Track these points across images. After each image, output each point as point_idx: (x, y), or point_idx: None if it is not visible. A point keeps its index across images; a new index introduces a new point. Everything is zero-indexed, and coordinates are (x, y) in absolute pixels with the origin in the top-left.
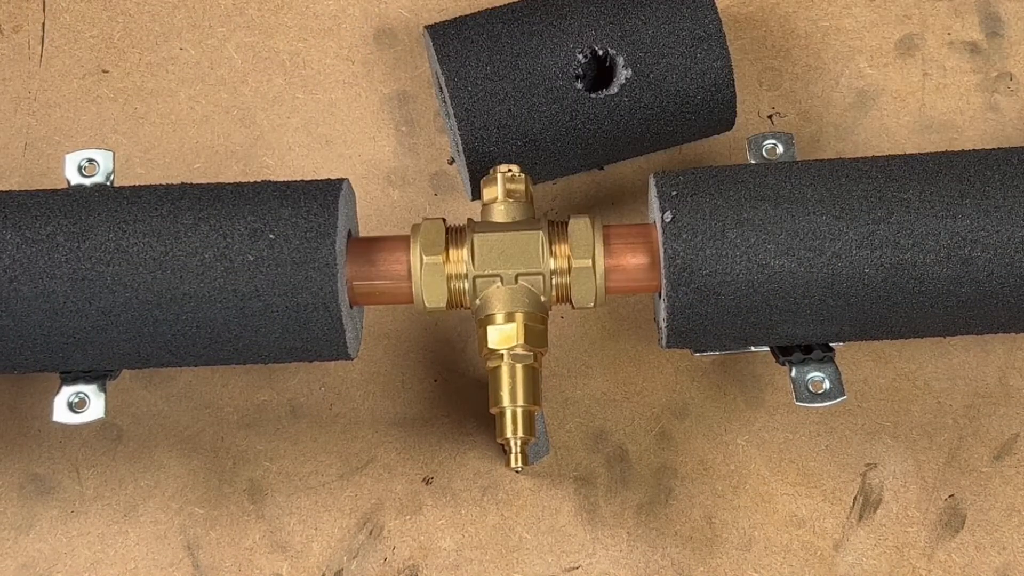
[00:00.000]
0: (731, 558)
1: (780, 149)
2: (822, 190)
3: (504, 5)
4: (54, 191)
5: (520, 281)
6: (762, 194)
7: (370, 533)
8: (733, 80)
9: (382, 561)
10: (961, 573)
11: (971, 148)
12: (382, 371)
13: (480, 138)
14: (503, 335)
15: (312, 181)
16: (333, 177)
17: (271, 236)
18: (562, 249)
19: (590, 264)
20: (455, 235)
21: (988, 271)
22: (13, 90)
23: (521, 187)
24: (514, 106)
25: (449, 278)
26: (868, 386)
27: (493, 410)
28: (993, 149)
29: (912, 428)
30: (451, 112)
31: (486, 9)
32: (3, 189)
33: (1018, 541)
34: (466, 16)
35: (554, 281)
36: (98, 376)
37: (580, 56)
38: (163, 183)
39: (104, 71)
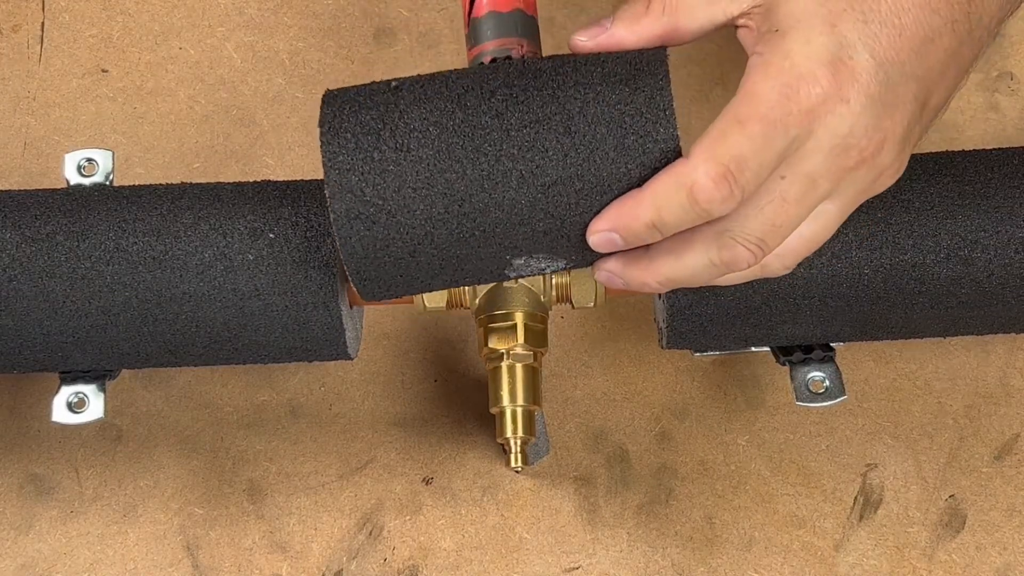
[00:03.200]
0: (731, 558)
1: None
2: None
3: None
4: (53, 191)
5: (520, 281)
6: None
7: (370, 533)
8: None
9: (382, 561)
10: (962, 573)
11: (971, 148)
12: (382, 371)
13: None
14: (503, 335)
15: (312, 181)
16: None
17: (271, 236)
18: None
19: None
20: None
21: (988, 272)
22: (12, 90)
23: None
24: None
25: None
26: (868, 386)
27: (493, 410)
28: (993, 149)
29: (913, 428)
30: None
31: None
32: (3, 189)
33: (1019, 541)
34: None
35: (554, 281)
36: (98, 376)
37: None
38: (163, 183)
39: (103, 71)
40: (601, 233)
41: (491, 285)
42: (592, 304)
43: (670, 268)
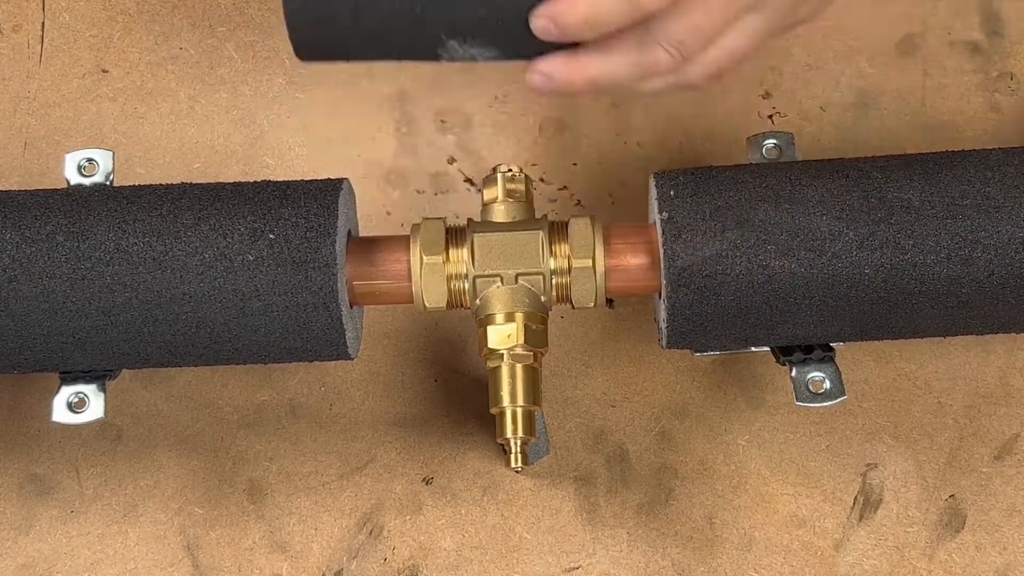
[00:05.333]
0: (731, 558)
1: (780, 149)
2: (822, 190)
3: None
4: (54, 191)
5: (520, 281)
6: (762, 194)
7: (370, 533)
8: None
9: (382, 561)
10: (962, 573)
11: (971, 148)
12: (382, 371)
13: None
14: (503, 335)
15: (312, 181)
16: (333, 177)
17: (271, 236)
18: (562, 249)
19: (590, 264)
20: (455, 235)
21: (988, 271)
22: (12, 90)
23: (521, 187)
24: None
25: (449, 278)
26: (868, 386)
27: (493, 410)
28: (993, 149)
29: (912, 428)
30: None
31: None
32: (3, 189)
33: (1019, 541)
34: None
35: (554, 281)
36: (98, 376)
37: None
38: (163, 183)
39: (104, 71)
40: (541, 21)
41: (491, 286)
42: (592, 304)
43: (595, 66)
